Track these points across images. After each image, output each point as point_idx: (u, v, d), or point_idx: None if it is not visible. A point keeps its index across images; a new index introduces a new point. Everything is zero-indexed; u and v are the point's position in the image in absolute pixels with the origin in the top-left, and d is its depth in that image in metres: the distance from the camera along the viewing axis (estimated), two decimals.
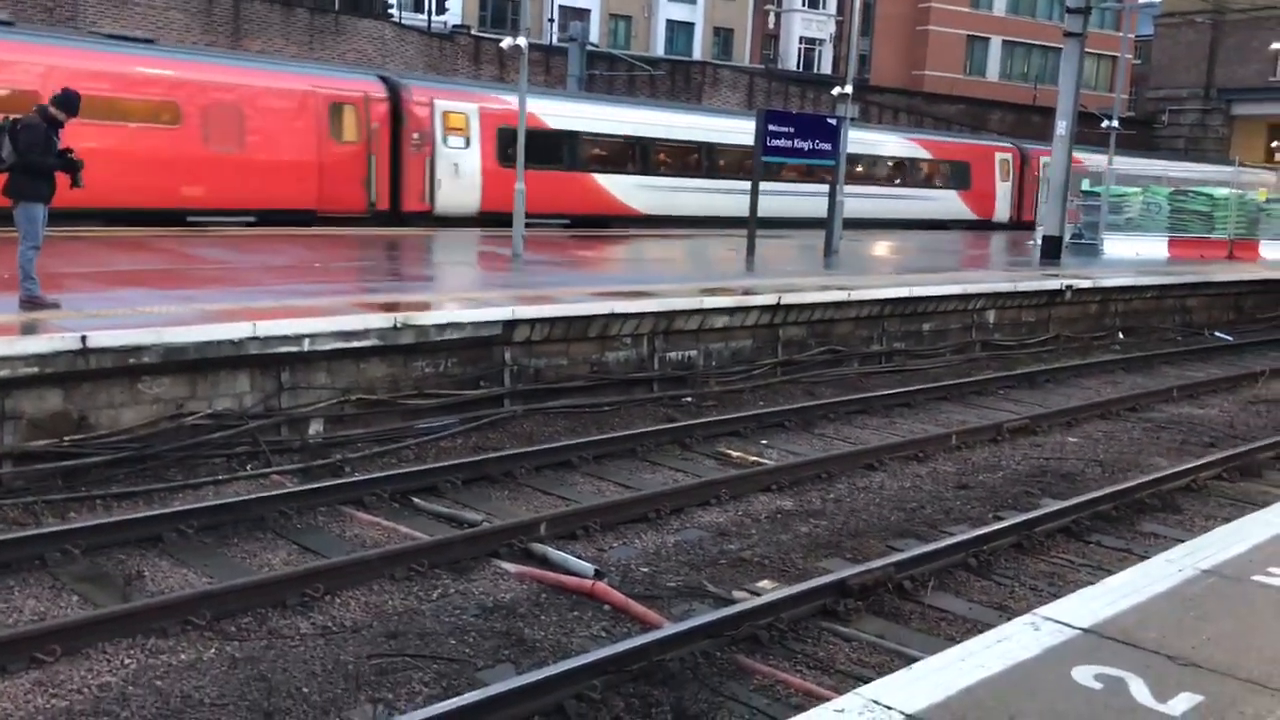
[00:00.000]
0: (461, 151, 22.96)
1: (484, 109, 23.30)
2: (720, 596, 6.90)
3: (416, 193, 22.46)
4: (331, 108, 21.04)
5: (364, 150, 21.52)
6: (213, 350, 9.16)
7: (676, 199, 27.24)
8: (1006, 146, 37.26)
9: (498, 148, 23.27)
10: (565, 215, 25.14)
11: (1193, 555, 4.98)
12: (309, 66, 23.93)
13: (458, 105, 23.08)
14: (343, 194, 21.21)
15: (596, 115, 26.38)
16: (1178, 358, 17.76)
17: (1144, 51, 60.34)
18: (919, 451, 10.67)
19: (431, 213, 22.66)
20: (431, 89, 23.36)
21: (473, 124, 23.15)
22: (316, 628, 6.24)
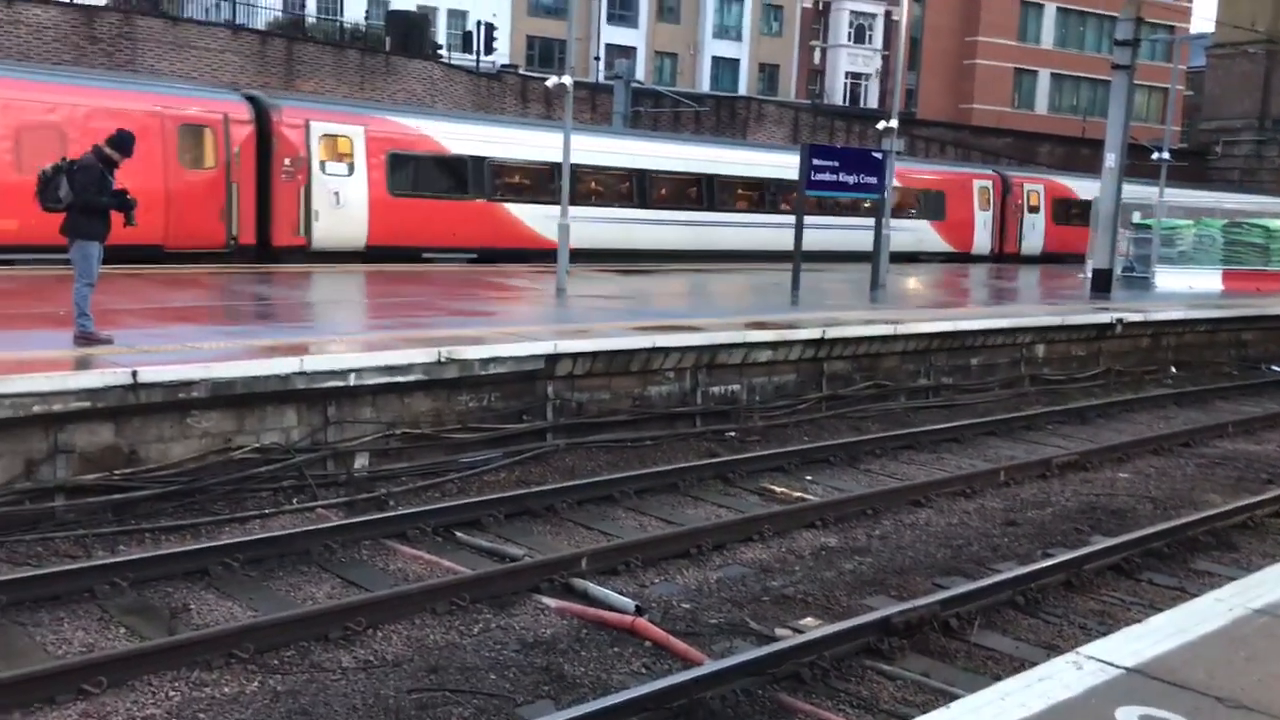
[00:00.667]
0: (344, 179, 20.67)
1: (371, 132, 21.15)
2: (762, 634, 6.83)
3: (289, 225, 20.15)
4: (182, 130, 18.82)
5: (222, 178, 19.26)
6: (260, 385, 9.28)
7: (607, 231, 24.68)
8: (986, 173, 35.64)
9: (388, 175, 21.22)
10: (470, 249, 22.92)
11: (1244, 594, 4.86)
12: (161, 84, 21.49)
13: (339, 128, 20.80)
14: (196, 227, 18.90)
15: (509, 139, 24.01)
16: (1233, 392, 17.43)
17: (1196, 83, 59.76)
18: (966, 487, 10.54)
19: (308, 247, 20.33)
20: (307, 109, 21.06)
21: (358, 148, 20.84)
22: (358, 661, 6.27)
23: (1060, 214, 36.40)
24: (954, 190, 33.40)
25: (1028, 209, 35.64)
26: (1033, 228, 35.75)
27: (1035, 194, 35.83)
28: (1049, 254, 35.77)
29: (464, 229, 22.64)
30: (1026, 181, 36.14)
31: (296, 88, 31.03)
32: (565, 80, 17.87)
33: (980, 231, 34.33)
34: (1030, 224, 35.76)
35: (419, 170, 22.30)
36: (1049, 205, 36.24)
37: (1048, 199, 36.19)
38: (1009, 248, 35.04)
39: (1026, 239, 35.59)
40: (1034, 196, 35.87)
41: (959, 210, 33.47)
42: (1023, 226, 35.59)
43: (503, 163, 23.66)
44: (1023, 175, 36.80)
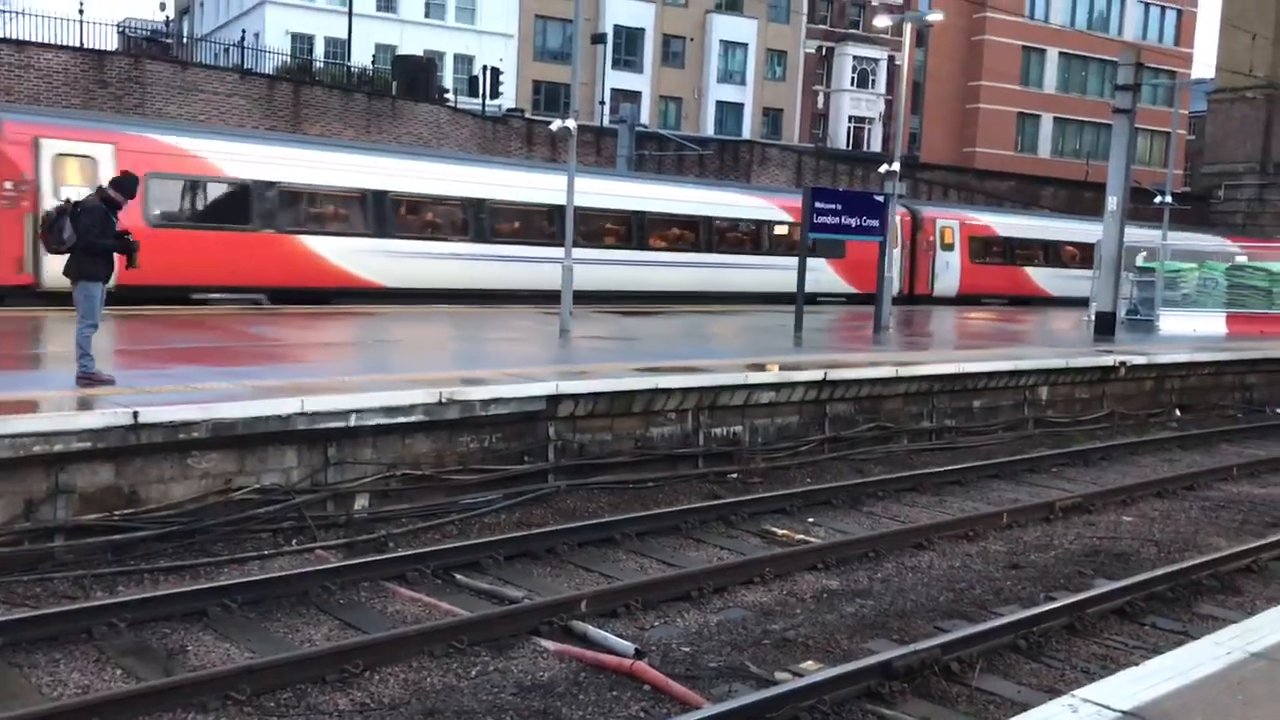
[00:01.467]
0: None
1: (124, 149, 18.15)
2: (762, 677, 6.79)
3: (10, 261, 17.35)
4: None
5: None
6: (261, 425, 9.30)
7: (434, 269, 22.11)
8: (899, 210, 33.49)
9: (146, 201, 17.98)
10: (259, 288, 20.18)
11: (1242, 638, 4.83)
12: None
13: (79, 146, 18.00)
14: None
15: (306, 162, 21.06)
16: (1237, 435, 17.38)
17: (1198, 127, 60.17)
18: (969, 530, 10.50)
19: (37, 287, 17.52)
20: (35, 125, 18.20)
21: (104, 170, 17.25)
22: (355, 704, 6.23)
23: (978, 252, 34.32)
24: None
25: (941, 246, 33.32)
26: (946, 267, 33.32)
27: (949, 230, 33.52)
28: (965, 295, 33.84)
29: (246, 265, 19.78)
30: (939, 217, 33.94)
31: (303, 130, 31.36)
32: (569, 124, 18.03)
33: None
34: (944, 263, 33.34)
35: (188, 196, 19.77)
36: (965, 243, 33.87)
37: (963, 236, 33.90)
38: (920, 288, 32.79)
39: (940, 279, 33.28)
40: (948, 233, 33.54)
41: (861, 248, 28.70)
42: (935, 266, 33.25)
43: (298, 189, 20.70)
44: (935, 210, 34.76)
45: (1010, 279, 34.71)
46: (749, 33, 59.14)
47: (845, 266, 29.72)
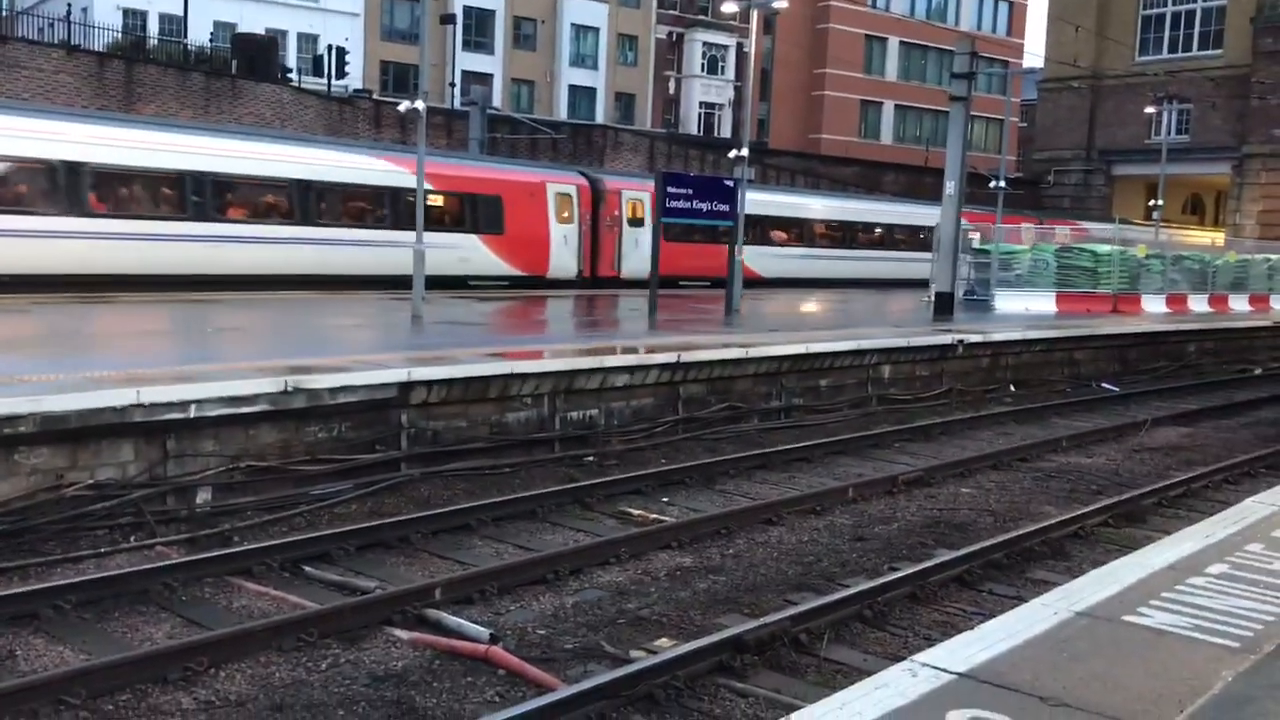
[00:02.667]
0: None
1: None
2: (617, 656, 6.85)
3: None
4: None
5: None
6: (94, 418, 8.88)
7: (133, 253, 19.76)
8: (567, 176, 28.61)
9: None
10: None
11: (1067, 598, 5.11)
12: None
13: None
14: None
15: None
16: (1066, 409, 18.31)
17: (1030, 115, 62.94)
18: (817, 505, 10.78)
19: None
20: None
21: None
22: (199, 703, 6.03)
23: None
24: (517, 197, 26.39)
25: (629, 222, 28.97)
26: (636, 245, 28.46)
27: (639, 203, 28.93)
28: (663, 278, 29.99)
29: None
30: (627, 188, 29.39)
31: (137, 111, 29.98)
32: (419, 105, 17.73)
33: (559, 251, 27.36)
34: (634, 241, 28.77)
35: None
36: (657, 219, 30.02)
37: (655, 210, 30.12)
38: (604, 270, 28.63)
39: (629, 260, 28.73)
40: (638, 207, 28.96)
41: (524, 222, 26.29)
42: (622, 244, 28.88)
43: None
44: (622, 180, 30.26)
45: (717, 259, 28.13)
46: (600, 16, 59.14)
47: (504, 244, 25.87)
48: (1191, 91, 48.54)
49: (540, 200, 27.00)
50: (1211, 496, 11.93)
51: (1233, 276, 33.97)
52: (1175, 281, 31.24)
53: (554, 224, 27.21)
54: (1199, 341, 26.03)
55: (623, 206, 29.15)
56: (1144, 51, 50.82)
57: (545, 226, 27.06)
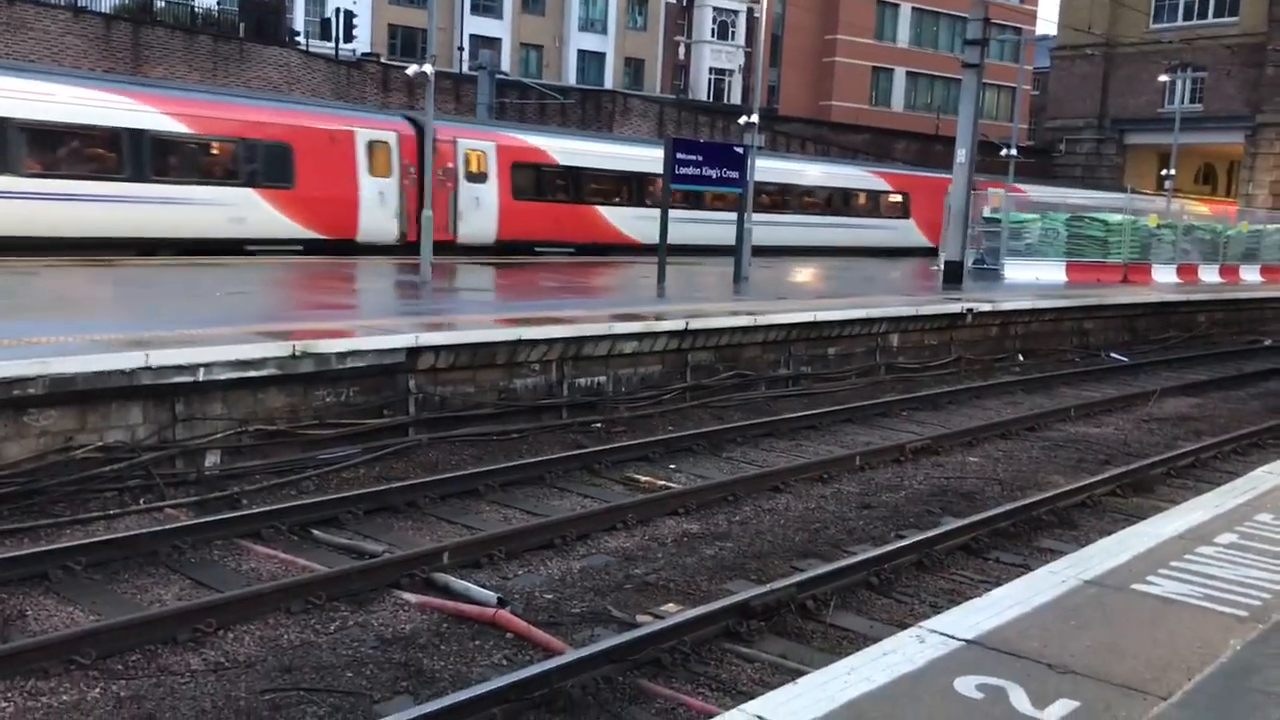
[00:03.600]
0: None
1: None
2: (624, 621, 6.87)
3: None
4: None
5: None
6: (103, 380, 8.90)
7: None
8: (385, 121, 24.40)
9: None
10: None
11: (1076, 567, 5.10)
12: None
13: None
14: None
15: None
16: (1075, 378, 18.26)
17: (1042, 83, 62.41)
18: (824, 473, 10.79)
19: None
20: None
21: None
22: (208, 664, 6.07)
23: (526, 186, 26.01)
24: (314, 144, 22.16)
25: (467, 176, 24.74)
26: (476, 204, 24.87)
27: (479, 155, 25.02)
28: (508, 242, 25.51)
29: None
30: (464, 135, 25.10)
31: (144, 74, 29.85)
32: (427, 69, 17.61)
33: (370, 209, 23.09)
34: (471, 199, 24.80)
35: None
36: (504, 172, 25.51)
37: (502, 163, 25.44)
38: (442, 234, 23.20)
39: (468, 221, 24.77)
40: (477, 159, 24.94)
41: (326, 175, 22.31)
42: (458, 202, 24.58)
43: None
44: (457, 127, 25.76)
45: (577, 221, 26.07)
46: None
47: (296, 201, 21.88)
48: (1206, 59, 48.08)
49: (346, 149, 22.67)
50: (1220, 467, 11.91)
51: (1244, 247, 33.76)
52: (1186, 252, 31.07)
53: (365, 178, 22.94)
54: (1209, 312, 25.92)
55: (459, 158, 24.59)
56: (1159, 18, 50.28)
57: (353, 181, 22.79)
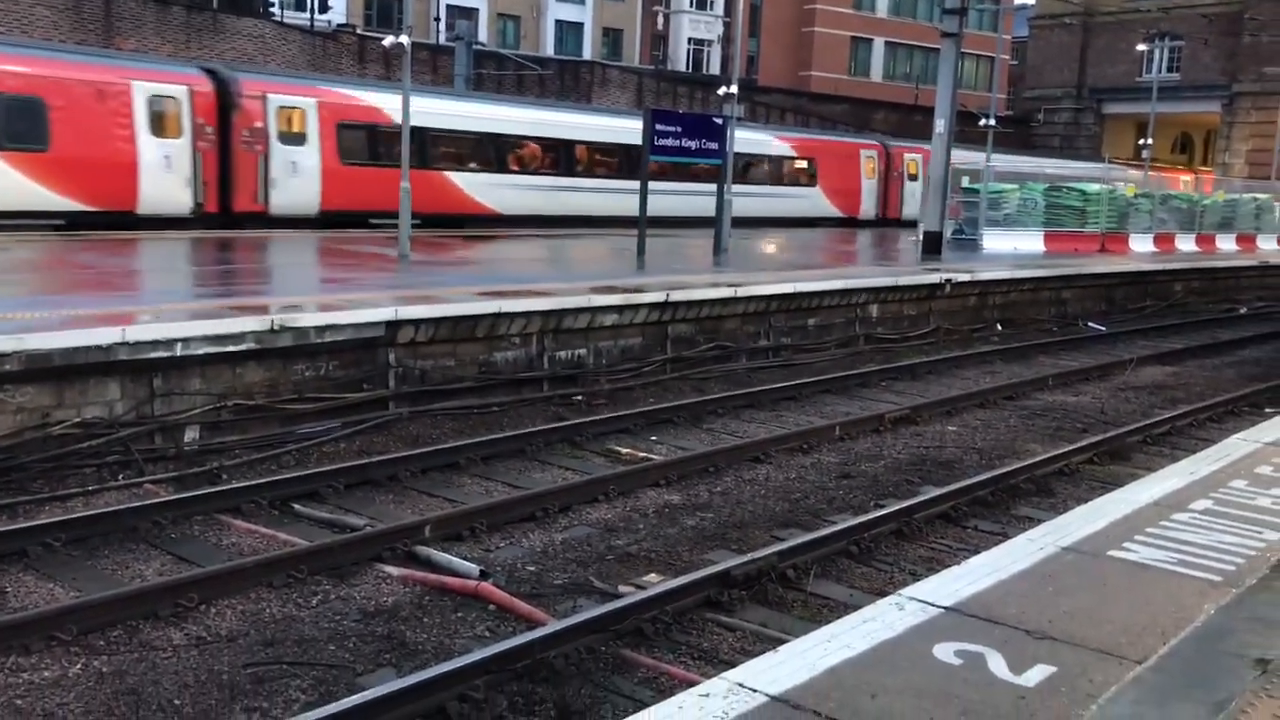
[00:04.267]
0: None
1: None
2: (606, 591, 6.91)
3: None
4: None
5: None
6: (80, 356, 8.83)
7: None
8: (174, 73, 21.23)
9: None
10: None
11: (1053, 534, 5.16)
12: None
13: None
14: None
15: None
16: (1053, 347, 18.37)
17: (1020, 53, 62.38)
18: (804, 443, 10.84)
19: None
20: None
21: None
22: (190, 638, 6.07)
23: (357, 148, 23.19)
24: (75, 99, 19.27)
25: (282, 138, 21.78)
26: (293, 170, 21.89)
27: (296, 113, 22.11)
28: (333, 213, 22.57)
29: None
30: (279, 90, 22.12)
31: (116, 45, 29.47)
32: (403, 40, 17.47)
33: (157, 175, 20.22)
34: (286, 163, 21.80)
35: None
36: (328, 132, 22.46)
37: (325, 121, 22.43)
38: (244, 203, 21.32)
39: (282, 190, 21.77)
40: (293, 117, 22.04)
41: (92, 135, 19.44)
42: (271, 169, 21.51)
43: None
44: (270, 80, 22.86)
45: (423, 189, 22.29)
46: None
47: (50, 166, 19.02)
48: (1183, 29, 48.19)
49: (120, 105, 19.75)
50: (1196, 434, 12.03)
51: (1220, 216, 33.97)
52: (1163, 221, 31.24)
53: (146, 139, 20.01)
54: (1186, 281, 26.09)
55: (270, 116, 21.62)
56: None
57: (130, 142, 19.87)
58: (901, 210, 37.10)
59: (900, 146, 38.05)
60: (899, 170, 37.48)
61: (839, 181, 35.09)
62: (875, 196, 36.81)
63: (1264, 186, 39.25)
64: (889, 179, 37.11)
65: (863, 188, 36.32)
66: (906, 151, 37.79)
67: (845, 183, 35.59)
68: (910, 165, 37.61)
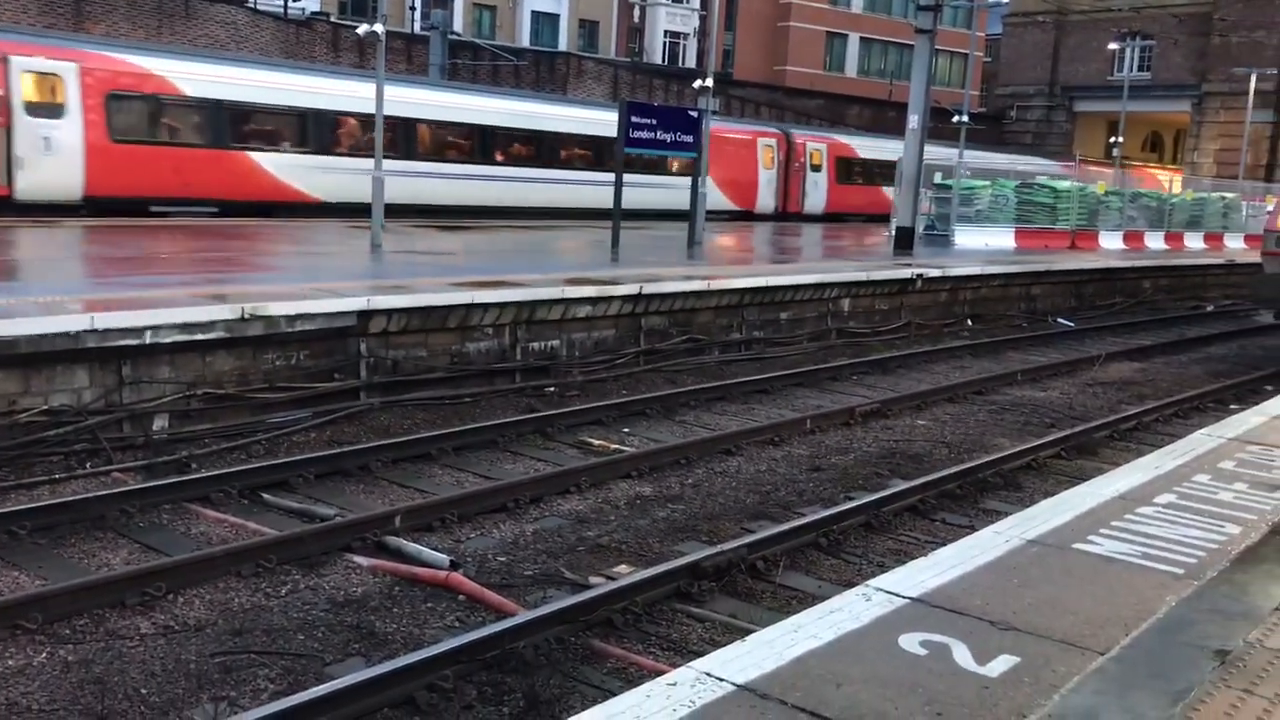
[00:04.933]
0: None
1: None
2: (576, 582, 6.92)
3: None
4: None
5: None
6: (47, 344, 8.75)
7: None
8: None
9: None
10: None
11: (1019, 526, 5.21)
12: None
13: None
14: None
15: None
16: (1022, 343, 18.52)
17: (994, 50, 62.70)
18: (775, 436, 10.89)
19: None
20: None
21: None
22: (158, 627, 6.04)
23: (135, 123, 20.63)
24: None
25: (30, 109, 18.89)
26: (46, 148, 19.13)
27: (52, 81, 19.21)
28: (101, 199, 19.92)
29: None
30: (25, 52, 19.08)
31: (87, 30, 29.12)
32: (378, 28, 17.36)
33: None
34: (37, 140, 19.03)
35: None
36: (96, 105, 19.78)
37: (92, 92, 19.70)
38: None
39: (31, 170, 18.97)
40: (47, 86, 19.19)
41: None
42: (13, 145, 18.71)
43: None
44: (17, 40, 19.75)
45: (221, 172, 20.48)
46: None
47: None
48: (1154, 28, 48.60)
49: None
50: (1161, 430, 12.17)
51: (1189, 214, 34.32)
52: (1133, 219, 31.53)
53: None
54: (1154, 278, 26.34)
55: (13, 83, 18.66)
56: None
57: None
58: (803, 204, 35.69)
59: (805, 135, 36.33)
60: (801, 161, 35.57)
61: (731, 172, 32.34)
62: (774, 189, 34.99)
63: (1232, 186, 39.68)
64: (790, 170, 35.45)
65: (759, 179, 34.41)
66: (810, 141, 36.02)
67: (738, 173, 33.20)
68: (814, 155, 35.62)
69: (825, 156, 35.83)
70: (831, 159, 36.52)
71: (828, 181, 36.64)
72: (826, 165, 36.09)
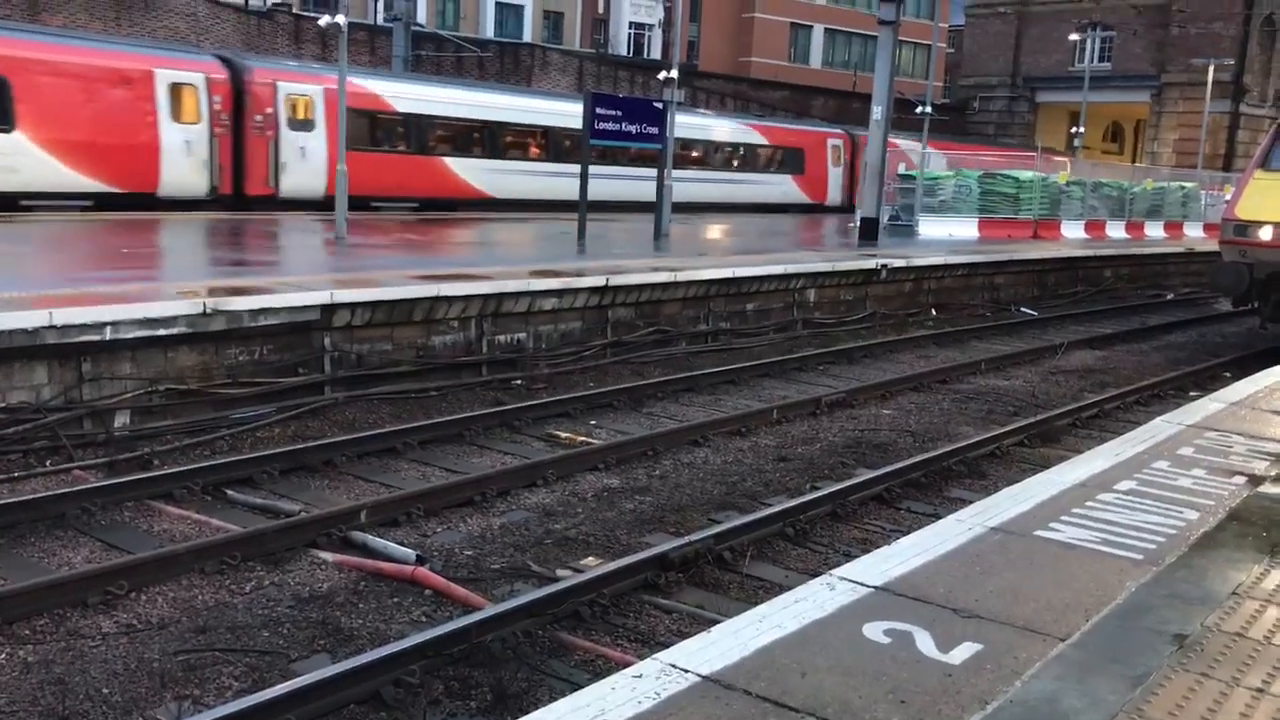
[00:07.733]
0: None
1: None
2: (544, 575, 6.91)
3: None
4: None
5: None
6: (3, 340, 8.63)
7: None
8: None
9: None
10: None
11: (982, 514, 5.25)
12: None
13: None
14: None
15: None
16: (986, 332, 18.67)
17: (957, 41, 63.11)
18: (742, 427, 10.92)
19: None
20: None
21: None
22: (120, 626, 5.98)
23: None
24: None
25: None
26: None
27: None
28: None
29: None
30: None
31: (43, 21, 28.68)
32: (340, 20, 17.22)
33: None
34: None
35: None
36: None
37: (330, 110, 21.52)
38: None
39: None
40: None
41: None
42: None
43: None
44: None
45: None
46: None
47: None
48: (1114, 19, 49.08)
49: None
50: (1123, 417, 12.31)
51: (1149, 204, 34.68)
52: (1095, 208, 31.82)
53: None
54: (1115, 267, 26.64)
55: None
56: None
57: None
58: None
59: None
60: None
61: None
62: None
63: (1191, 175, 40.14)
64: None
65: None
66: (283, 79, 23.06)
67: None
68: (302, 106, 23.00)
69: None
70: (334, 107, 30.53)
71: None
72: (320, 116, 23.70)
